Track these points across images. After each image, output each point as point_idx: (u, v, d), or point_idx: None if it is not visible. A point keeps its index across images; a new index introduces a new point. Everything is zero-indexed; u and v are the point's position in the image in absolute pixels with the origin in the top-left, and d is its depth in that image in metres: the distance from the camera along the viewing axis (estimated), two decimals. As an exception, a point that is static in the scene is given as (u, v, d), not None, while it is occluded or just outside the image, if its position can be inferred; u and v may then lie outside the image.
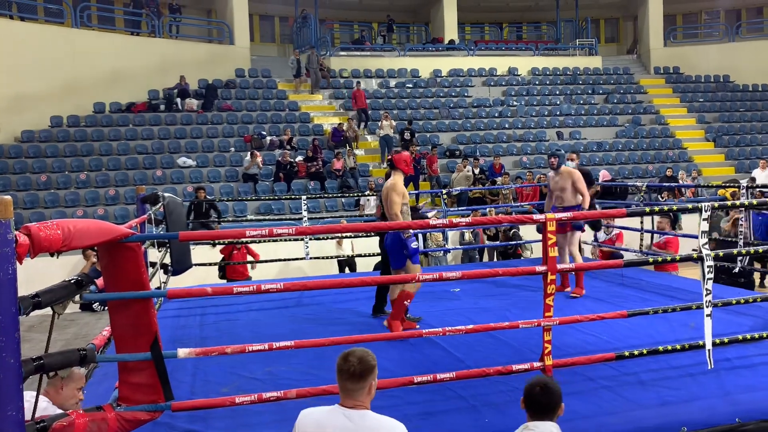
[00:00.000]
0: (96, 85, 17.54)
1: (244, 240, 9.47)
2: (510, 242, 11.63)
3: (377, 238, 11.30)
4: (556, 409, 2.68)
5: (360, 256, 10.62)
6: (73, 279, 2.84)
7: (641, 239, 8.18)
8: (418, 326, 5.74)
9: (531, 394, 2.69)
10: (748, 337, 4.56)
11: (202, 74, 19.10)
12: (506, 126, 19.84)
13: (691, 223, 10.64)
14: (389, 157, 6.03)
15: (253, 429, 3.72)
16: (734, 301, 4.69)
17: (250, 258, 10.08)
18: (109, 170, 15.42)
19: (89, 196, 14.38)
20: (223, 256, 10.36)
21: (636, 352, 4.22)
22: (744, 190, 7.02)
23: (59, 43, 17.13)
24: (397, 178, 5.78)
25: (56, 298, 2.67)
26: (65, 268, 10.24)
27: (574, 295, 6.81)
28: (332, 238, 10.76)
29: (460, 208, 12.07)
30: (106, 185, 14.90)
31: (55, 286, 2.74)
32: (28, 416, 2.56)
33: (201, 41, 21.03)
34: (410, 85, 21.22)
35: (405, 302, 5.67)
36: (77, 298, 2.88)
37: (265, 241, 9.18)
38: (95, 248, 2.95)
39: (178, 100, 18.16)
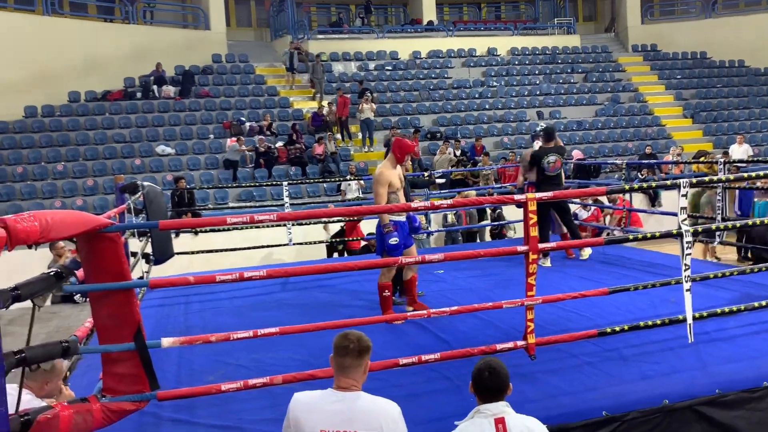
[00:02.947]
0: (70, 73, 17.25)
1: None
2: (494, 223, 11.69)
3: (362, 224, 11.39)
4: (505, 390, 2.71)
5: (350, 240, 10.62)
6: (53, 271, 2.81)
7: (610, 216, 8.27)
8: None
9: (480, 379, 2.69)
10: (726, 310, 4.63)
11: (178, 60, 18.84)
12: (486, 107, 19.85)
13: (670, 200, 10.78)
14: (393, 139, 5.92)
15: (240, 415, 3.72)
16: (712, 275, 4.76)
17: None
18: (86, 160, 15.22)
19: (67, 187, 14.20)
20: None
21: (617, 329, 4.28)
22: (721, 166, 7.10)
23: (31, 32, 16.79)
24: (385, 165, 5.60)
25: (36, 291, 2.63)
26: (45, 259, 10.12)
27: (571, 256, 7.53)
28: (317, 223, 10.74)
29: (442, 191, 12.07)
30: (83, 175, 14.71)
31: (35, 279, 2.70)
32: (12, 410, 2.53)
33: (176, 27, 20.75)
34: (389, 68, 21.11)
35: (384, 294, 5.56)
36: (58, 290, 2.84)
37: (247, 228, 9.12)
38: (74, 239, 2.91)
39: (155, 87, 17.93)
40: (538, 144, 8.03)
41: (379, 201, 5.45)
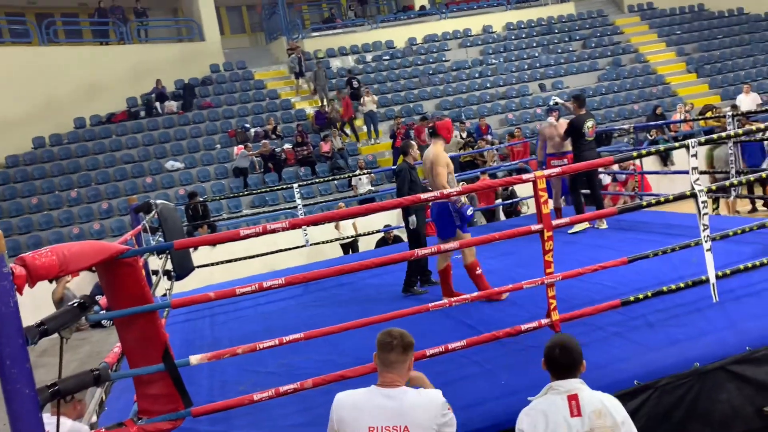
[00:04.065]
0: (73, 100, 17.40)
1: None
2: (506, 201, 11.66)
3: (376, 217, 11.39)
4: (578, 367, 2.70)
5: (364, 234, 10.65)
6: (76, 302, 2.86)
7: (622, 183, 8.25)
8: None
9: (552, 356, 2.70)
10: (750, 265, 4.60)
11: (177, 75, 18.92)
12: (488, 85, 19.74)
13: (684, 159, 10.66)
14: (431, 124, 5.85)
15: (276, 422, 3.77)
16: (731, 233, 4.72)
17: None
18: (98, 184, 15.37)
19: (82, 213, 14.35)
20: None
21: (641, 296, 4.27)
22: (730, 119, 7.02)
23: (30, 63, 16.95)
24: (438, 148, 5.62)
25: (62, 324, 2.68)
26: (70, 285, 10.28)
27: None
28: (331, 222, 10.76)
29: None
30: (97, 199, 14.85)
31: (59, 312, 2.75)
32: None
33: (171, 42, 20.80)
34: (387, 57, 21.03)
35: (477, 271, 5.54)
36: (83, 320, 2.89)
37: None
38: (93, 269, 2.96)
39: (157, 104, 18.02)
40: (552, 118, 8.04)
41: (442, 181, 5.47)
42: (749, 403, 3.69)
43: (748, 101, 15.42)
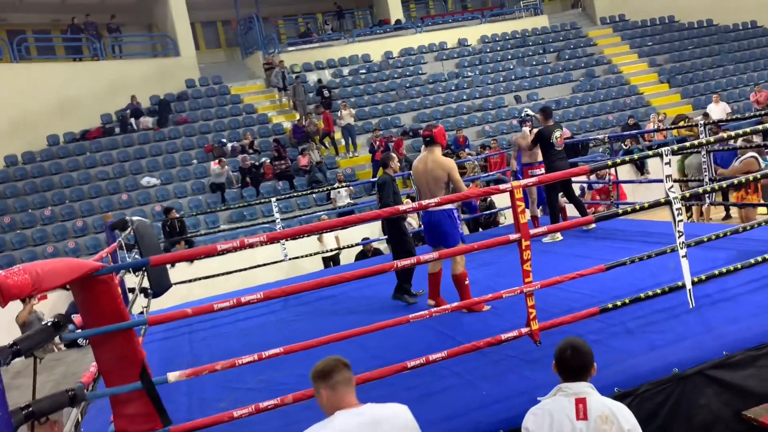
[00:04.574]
0: (46, 117, 17.19)
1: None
2: (485, 212, 11.72)
3: (355, 230, 11.36)
4: (589, 370, 2.71)
5: (348, 247, 10.60)
6: (49, 321, 2.80)
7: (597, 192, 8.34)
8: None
9: (563, 358, 2.71)
10: (724, 270, 4.66)
11: (152, 91, 18.80)
12: (464, 98, 19.89)
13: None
14: (427, 132, 5.76)
15: (256, 439, 3.72)
16: (706, 239, 4.78)
17: None
18: (72, 202, 15.15)
19: (57, 231, 14.13)
20: None
21: (619, 303, 4.30)
22: (702, 128, 7.14)
23: (1, 81, 16.73)
24: (438, 154, 5.63)
25: (35, 344, 2.63)
26: (45, 305, 10.10)
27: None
28: (311, 236, 10.71)
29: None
30: (72, 218, 14.64)
31: (33, 332, 2.70)
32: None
33: (146, 58, 20.70)
34: (363, 71, 21.12)
35: (465, 282, 5.54)
36: (57, 339, 2.84)
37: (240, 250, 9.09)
38: (67, 287, 2.91)
39: (132, 120, 17.86)
40: (526, 129, 8.18)
41: (463, 187, 5.54)
42: (728, 407, 3.72)
43: (718, 110, 15.72)
